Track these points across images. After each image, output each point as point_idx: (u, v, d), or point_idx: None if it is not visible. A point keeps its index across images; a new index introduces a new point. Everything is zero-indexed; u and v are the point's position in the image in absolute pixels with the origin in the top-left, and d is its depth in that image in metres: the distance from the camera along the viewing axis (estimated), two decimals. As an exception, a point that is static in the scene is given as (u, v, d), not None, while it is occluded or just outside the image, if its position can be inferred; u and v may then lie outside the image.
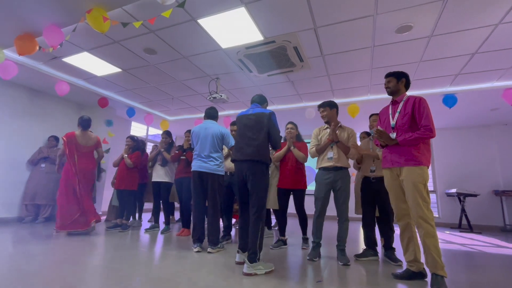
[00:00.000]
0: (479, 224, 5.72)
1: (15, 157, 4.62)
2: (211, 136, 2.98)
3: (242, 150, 2.36)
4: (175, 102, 5.73)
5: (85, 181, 3.65)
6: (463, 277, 2.23)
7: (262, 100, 2.66)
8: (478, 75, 4.04)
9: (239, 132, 2.46)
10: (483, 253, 3.24)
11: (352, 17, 2.85)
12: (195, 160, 2.99)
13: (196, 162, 2.96)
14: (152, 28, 3.12)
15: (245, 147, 2.34)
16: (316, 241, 2.67)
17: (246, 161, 2.31)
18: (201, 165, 2.92)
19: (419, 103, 2.08)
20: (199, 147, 2.99)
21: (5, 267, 2.09)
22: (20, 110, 4.76)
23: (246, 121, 2.43)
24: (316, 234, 2.68)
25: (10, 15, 2.82)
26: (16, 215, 4.53)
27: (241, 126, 2.46)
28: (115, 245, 2.96)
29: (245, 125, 2.43)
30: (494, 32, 3.01)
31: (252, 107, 2.57)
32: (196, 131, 3.05)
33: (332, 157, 2.66)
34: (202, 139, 2.98)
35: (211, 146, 2.96)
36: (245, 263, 2.10)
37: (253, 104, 2.60)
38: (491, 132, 6.16)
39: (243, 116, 2.50)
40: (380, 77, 4.16)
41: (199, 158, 2.97)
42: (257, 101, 2.62)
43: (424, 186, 1.99)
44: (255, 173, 2.28)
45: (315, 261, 2.55)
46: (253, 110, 2.48)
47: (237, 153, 2.41)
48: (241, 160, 2.34)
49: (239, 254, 2.36)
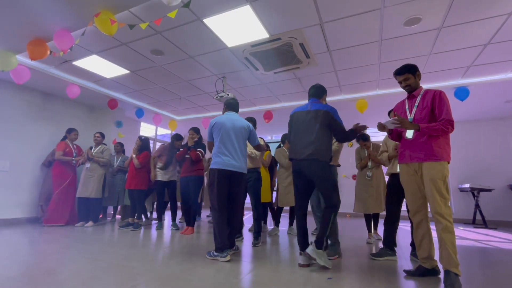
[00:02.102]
0: (494, 220, 5.57)
1: (30, 159, 4.76)
2: (244, 130, 2.66)
3: (301, 149, 2.29)
4: (183, 102, 5.78)
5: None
6: (478, 273, 2.18)
7: (319, 93, 2.49)
8: (491, 67, 3.91)
9: (295, 130, 2.39)
10: (499, 249, 3.16)
11: (359, 11, 2.81)
12: (221, 157, 2.53)
13: (224, 159, 2.52)
14: (159, 29, 3.15)
15: (304, 146, 2.28)
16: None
17: (307, 160, 2.26)
18: (231, 163, 2.53)
19: (439, 96, 2.02)
20: (226, 142, 2.56)
21: (22, 264, 2.17)
22: (33, 113, 4.89)
23: (305, 118, 2.36)
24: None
25: (22, 21, 2.90)
26: (32, 215, 4.67)
27: (298, 123, 2.38)
28: (127, 243, 3.02)
29: (302, 122, 2.36)
30: (507, 22, 2.91)
31: (310, 102, 2.45)
32: (220, 122, 2.60)
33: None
34: (229, 132, 2.58)
35: (243, 141, 2.66)
36: (311, 245, 2.14)
37: (311, 100, 2.47)
38: (505, 125, 5.97)
39: (300, 112, 2.42)
40: (389, 72, 4.09)
41: (228, 154, 2.54)
42: (314, 94, 2.49)
43: (444, 182, 1.93)
44: (319, 172, 2.24)
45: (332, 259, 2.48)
46: (312, 106, 2.39)
47: (292, 152, 2.37)
48: (302, 160, 2.28)
49: (302, 256, 2.24)
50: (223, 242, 2.42)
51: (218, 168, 2.51)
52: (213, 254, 2.43)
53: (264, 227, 4.12)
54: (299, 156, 2.30)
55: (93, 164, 4.48)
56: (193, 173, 3.87)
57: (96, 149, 4.58)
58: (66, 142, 4.65)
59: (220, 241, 2.43)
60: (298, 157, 2.31)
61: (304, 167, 2.28)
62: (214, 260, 2.37)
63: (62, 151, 4.52)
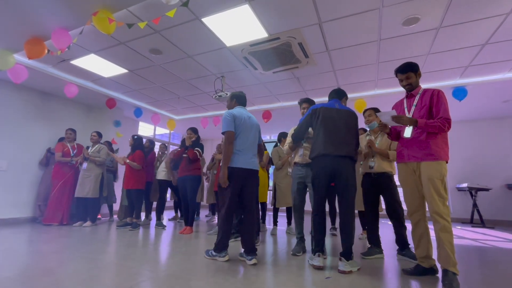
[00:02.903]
0: (492, 219, 5.60)
1: (28, 159, 4.74)
2: (258, 127, 2.62)
3: (339, 145, 2.26)
4: (181, 102, 5.76)
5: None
6: (475, 273, 2.19)
7: (341, 95, 2.55)
8: (488, 67, 3.93)
9: (326, 125, 2.32)
10: (496, 248, 3.17)
11: (358, 10, 2.81)
12: (242, 154, 2.40)
13: (245, 157, 2.41)
14: (157, 28, 3.14)
15: (342, 143, 2.27)
16: (299, 236, 2.78)
17: (345, 158, 2.24)
18: (251, 162, 2.45)
19: (437, 95, 2.03)
20: (247, 138, 2.44)
21: (19, 265, 2.15)
22: (31, 112, 4.87)
23: (336, 115, 2.35)
24: (297, 229, 2.81)
25: (19, 20, 2.88)
26: (30, 215, 4.66)
27: (327, 119, 2.34)
28: (125, 243, 3.01)
29: (333, 119, 2.34)
30: (505, 22, 2.92)
31: (333, 102, 2.48)
32: (240, 117, 2.44)
33: (303, 153, 2.77)
34: (250, 129, 2.48)
35: (257, 139, 2.58)
36: (341, 260, 2.08)
37: (333, 100, 2.50)
38: (503, 125, 6.00)
39: (328, 108, 2.39)
40: (387, 71, 4.10)
41: (247, 152, 2.44)
42: (336, 96, 2.54)
43: (442, 182, 1.93)
44: (352, 172, 2.25)
45: (298, 255, 2.60)
46: (339, 106, 2.42)
47: (329, 147, 2.25)
48: (339, 156, 2.24)
49: (320, 258, 2.18)
50: (225, 243, 2.37)
51: (241, 167, 2.38)
52: (211, 254, 2.40)
53: (262, 226, 4.13)
54: (336, 152, 2.23)
55: (90, 163, 4.47)
56: (191, 173, 3.87)
57: (92, 149, 4.57)
58: (64, 143, 4.68)
59: (224, 241, 2.36)
60: (335, 153, 2.23)
61: (338, 164, 2.22)
62: (213, 260, 2.37)
63: (61, 152, 4.55)
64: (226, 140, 2.37)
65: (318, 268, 2.12)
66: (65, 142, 4.70)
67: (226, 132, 2.39)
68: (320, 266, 2.13)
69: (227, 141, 2.36)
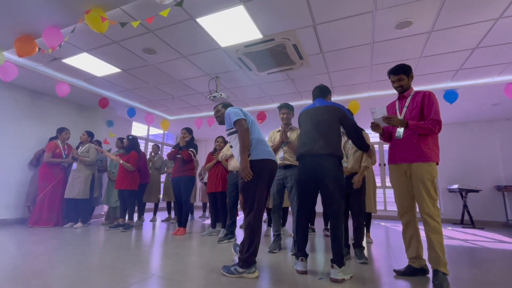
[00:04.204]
0: (482, 220, 5.70)
1: (17, 159, 4.64)
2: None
3: (312, 143, 2.16)
4: (175, 102, 5.73)
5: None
6: (465, 273, 2.22)
7: (324, 92, 2.42)
8: (479, 70, 4.01)
9: (304, 127, 2.29)
10: (485, 249, 3.23)
11: (351, 13, 2.84)
12: (265, 145, 2.19)
13: (270, 149, 2.22)
14: (151, 27, 3.12)
15: (315, 140, 2.15)
16: (276, 234, 2.93)
17: (319, 156, 2.10)
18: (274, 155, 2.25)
19: (428, 97, 2.06)
20: (259, 131, 2.27)
21: (8, 267, 2.10)
22: (21, 111, 4.77)
23: (314, 113, 2.27)
24: (274, 227, 2.95)
25: (9, 17, 2.82)
26: (19, 216, 4.56)
27: (307, 120, 2.29)
28: (116, 244, 2.97)
29: (311, 118, 2.26)
30: (494, 27, 2.98)
31: (317, 101, 2.37)
32: (244, 111, 2.27)
33: (283, 157, 2.89)
34: (255, 123, 2.30)
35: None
36: (333, 268, 1.92)
37: (317, 99, 2.38)
38: (493, 127, 6.12)
39: (308, 110, 2.34)
40: (380, 74, 4.14)
41: (267, 143, 2.26)
42: (319, 94, 2.41)
43: (432, 183, 1.97)
44: (331, 167, 2.07)
45: (274, 252, 2.75)
46: (320, 103, 2.32)
47: (304, 147, 2.19)
48: (312, 155, 2.13)
49: (303, 262, 2.10)
50: (255, 255, 2.01)
51: (268, 159, 2.11)
52: (237, 271, 1.96)
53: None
54: (309, 151, 2.16)
55: (80, 164, 4.39)
56: (185, 173, 3.85)
57: (82, 148, 4.49)
58: (56, 142, 4.53)
59: (254, 254, 2.00)
60: (308, 152, 2.16)
61: (317, 164, 2.10)
62: (206, 263, 2.35)
63: (52, 152, 4.41)
64: (241, 127, 2.08)
65: (302, 273, 2.07)
66: (57, 141, 4.55)
67: (237, 120, 2.10)
68: (303, 271, 2.07)
69: (242, 128, 2.07)
